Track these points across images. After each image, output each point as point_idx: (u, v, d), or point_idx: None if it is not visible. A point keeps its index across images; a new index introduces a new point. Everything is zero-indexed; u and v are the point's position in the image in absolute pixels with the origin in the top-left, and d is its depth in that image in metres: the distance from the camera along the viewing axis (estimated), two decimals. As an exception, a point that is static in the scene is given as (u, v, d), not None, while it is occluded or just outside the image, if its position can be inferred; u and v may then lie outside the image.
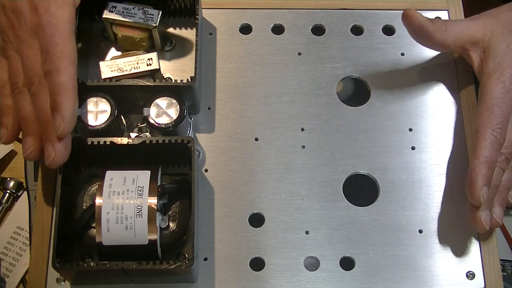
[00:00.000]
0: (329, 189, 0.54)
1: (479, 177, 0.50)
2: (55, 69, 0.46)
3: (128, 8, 0.55)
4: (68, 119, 0.46)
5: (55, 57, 0.46)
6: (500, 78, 0.52)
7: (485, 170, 0.50)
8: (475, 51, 0.54)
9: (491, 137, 0.51)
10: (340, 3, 0.61)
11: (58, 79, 0.46)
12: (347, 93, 0.63)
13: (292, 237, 0.53)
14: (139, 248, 0.47)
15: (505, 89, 0.51)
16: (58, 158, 0.47)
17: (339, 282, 0.51)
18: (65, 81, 0.46)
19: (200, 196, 0.54)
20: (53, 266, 0.46)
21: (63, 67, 0.46)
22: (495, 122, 0.51)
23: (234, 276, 0.51)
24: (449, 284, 0.52)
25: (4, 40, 0.50)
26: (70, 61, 0.47)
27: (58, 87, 0.46)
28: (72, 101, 0.46)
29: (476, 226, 0.51)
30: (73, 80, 0.47)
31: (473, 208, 0.51)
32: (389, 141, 0.56)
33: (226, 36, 0.59)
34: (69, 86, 0.46)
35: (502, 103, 0.51)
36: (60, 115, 0.46)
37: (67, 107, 0.46)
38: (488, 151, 0.50)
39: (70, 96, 0.46)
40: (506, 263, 0.64)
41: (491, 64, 0.52)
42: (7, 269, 0.66)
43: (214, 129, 0.56)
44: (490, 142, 0.51)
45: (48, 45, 0.47)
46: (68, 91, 0.46)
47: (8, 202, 0.69)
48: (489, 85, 0.52)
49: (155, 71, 0.53)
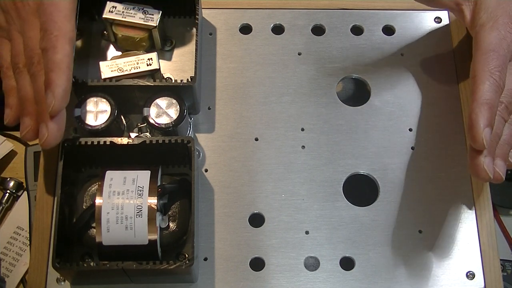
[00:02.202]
0: (329, 189, 0.54)
1: (479, 118, 0.47)
2: (51, 46, 0.46)
3: (128, 8, 0.55)
4: (59, 96, 0.45)
5: (52, 35, 0.46)
6: (494, 26, 0.50)
7: (486, 112, 0.47)
8: (467, 6, 0.53)
9: (490, 79, 0.48)
10: (340, 3, 0.61)
11: (53, 57, 0.46)
12: (347, 93, 0.63)
13: (292, 237, 0.53)
14: (139, 248, 0.47)
15: (500, 36, 0.50)
16: (51, 138, 0.46)
17: (339, 282, 0.51)
18: (60, 59, 0.46)
19: (200, 196, 0.54)
20: (53, 266, 0.46)
21: (60, 45, 0.46)
22: (493, 65, 0.49)
23: (234, 276, 0.51)
24: (449, 284, 0.52)
25: (8, 21, 0.51)
26: (67, 40, 0.47)
27: (52, 64, 0.46)
28: (65, 78, 0.46)
29: (478, 173, 0.48)
30: (69, 59, 0.47)
31: (475, 154, 0.48)
32: (389, 141, 0.56)
33: (226, 36, 0.60)
34: (63, 64, 0.46)
35: (498, 48, 0.50)
36: (51, 91, 0.45)
37: (59, 84, 0.46)
38: (488, 93, 0.48)
39: (63, 74, 0.46)
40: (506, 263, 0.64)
41: (483, 15, 0.51)
42: (7, 269, 0.66)
43: (214, 129, 0.56)
44: (489, 84, 0.48)
45: (47, 23, 0.47)
46: (61, 69, 0.46)
47: (8, 202, 0.69)
48: (483, 34, 0.51)
49: (155, 71, 0.53)
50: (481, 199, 0.54)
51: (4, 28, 0.52)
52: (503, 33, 0.50)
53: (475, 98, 0.48)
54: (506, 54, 0.50)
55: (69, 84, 0.47)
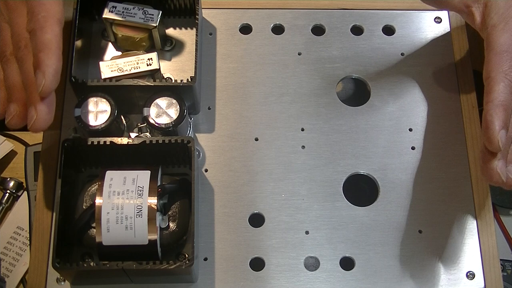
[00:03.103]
0: (329, 189, 0.54)
1: (495, 119, 0.46)
2: (39, 27, 0.45)
3: (128, 8, 0.55)
4: (50, 76, 0.44)
5: (40, 16, 0.45)
6: (505, 27, 0.50)
7: (502, 113, 0.47)
8: (477, 8, 0.53)
9: (504, 81, 0.48)
10: (340, 3, 0.61)
11: (41, 37, 0.45)
12: (347, 93, 0.63)
13: (292, 237, 0.53)
14: (139, 248, 0.47)
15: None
16: (40, 121, 0.45)
17: (339, 282, 0.51)
18: (49, 39, 0.45)
19: (200, 196, 0.54)
20: (53, 266, 0.46)
21: (48, 26, 0.45)
22: (507, 66, 0.49)
23: (234, 276, 0.51)
24: (449, 284, 0.52)
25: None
26: (55, 21, 0.46)
27: (41, 45, 0.45)
28: (55, 58, 0.45)
29: (492, 177, 0.48)
30: (58, 39, 0.45)
31: (488, 157, 0.47)
32: (389, 141, 0.56)
33: (226, 36, 0.60)
34: (52, 44, 0.45)
35: (511, 49, 0.49)
36: (41, 71, 0.44)
37: (49, 64, 0.44)
38: (503, 94, 0.47)
39: (53, 54, 0.45)
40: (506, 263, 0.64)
41: (494, 16, 0.51)
42: (7, 269, 0.66)
43: (214, 129, 0.56)
44: (504, 85, 0.48)
45: (34, 6, 0.46)
46: (51, 49, 0.45)
47: (8, 202, 0.69)
48: (495, 34, 0.50)
49: (155, 71, 0.53)
50: (481, 199, 0.54)
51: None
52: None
53: (490, 99, 0.48)
54: None
55: (59, 64, 0.45)
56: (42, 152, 0.55)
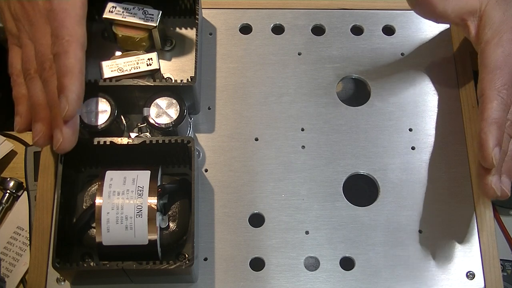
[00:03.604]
0: (329, 189, 0.54)
1: (489, 137, 0.48)
2: (63, 52, 0.47)
3: (128, 8, 0.55)
4: (73, 102, 0.46)
5: (64, 40, 0.47)
6: (498, 43, 0.51)
7: (495, 131, 0.48)
8: (472, 21, 0.53)
9: (498, 98, 0.49)
10: (340, 3, 0.61)
11: (65, 62, 0.46)
12: (347, 93, 0.63)
13: (292, 237, 0.53)
14: (139, 248, 0.47)
15: (505, 53, 0.51)
16: (66, 143, 0.47)
17: (339, 282, 0.51)
18: (72, 64, 0.46)
19: (200, 196, 0.54)
20: (53, 266, 0.46)
21: (72, 50, 0.47)
22: (500, 83, 0.50)
23: (234, 276, 0.51)
24: (449, 284, 0.52)
25: (19, 28, 0.51)
26: (79, 45, 0.47)
27: (65, 69, 0.46)
28: (78, 84, 0.46)
29: (487, 192, 0.49)
30: (81, 63, 0.47)
31: (484, 173, 0.49)
32: (389, 141, 0.56)
33: (226, 36, 0.60)
34: (76, 69, 0.46)
35: (504, 66, 0.50)
36: (65, 97, 0.46)
37: (72, 89, 0.46)
38: (497, 112, 0.49)
39: (76, 79, 0.46)
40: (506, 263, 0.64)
41: (488, 31, 0.52)
42: (7, 269, 0.66)
43: (214, 129, 0.56)
44: (497, 103, 0.49)
45: (58, 28, 0.47)
46: (74, 74, 0.46)
47: (8, 202, 0.69)
48: (488, 51, 0.51)
49: (155, 71, 0.53)
50: (481, 199, 0.54)
51: (15, 35, 0.52)
52: (507, 50, 0.51)
53: (484, 117, 0.49)
54: (511, 71, 0.50)
55: (82, 89, 0.47)
56: (42, 152, 0.55)
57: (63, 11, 0.48)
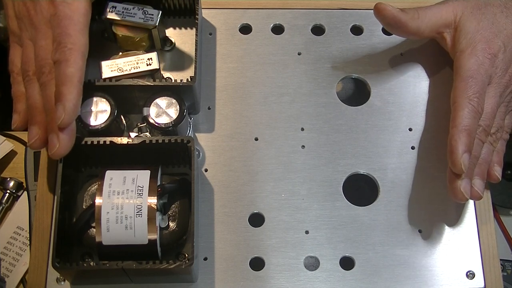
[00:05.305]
0: (329, 189, 0.54)
1: (458, 144, 0.50)
2: (64, 59, 0.47)
3: (128, 8, 0.55)
4: (70, 111, 0.46)
5: (66, 48, 0.47)
6: (472, 52, 0.52)
7: (465, 138, 0.50)
8: (448, 33, 0.55)
9: (468, 106, 0.51)
10: (340, 3, 0.61)
11: (65, 70, 0.46)
12: (347, 93, 0.63)
13: (292, 237, 0.53)
14: (139, 248, 0.47)
15: (479, 62, 0.52)
16: (61, 148, 0.47)
17: (339, 282, 0.51)
18: (72, 73, 0.46)
19: (200, 196, 0.54)
20: (53, 266, 0.46)
21: (73, 59, 0.47)
22: (471, 91, 0.51)
23: (234, 276, 0.51)
24: (449, 284, 0.52)
25: (21, 28, 0.51)
26: (80, 54, 0.47)
27: (64, 78, 0.46)
28: (76, 93, 0.46)
29: (456, 195, 0.51)
30: (81, 73, 0.47)
31: (453, 177, 0.51)
32: (389, 141, 0.56)
33: (226, 36, 0.60)
34: (75, 78, 0.47)
35: (477, 74, 0.52)
36: (62, 105, 0.46)
37: (69, 98, 0.46)
38: (467, 119, 0.50)
39: (74, 88, 0.46)
40: (506, 263, 0.64)
41: (463, 41, 0.53)
42: (7, 269, 0.66)
43: (214, 129, 0.56)
44: (468, 111, 0.51)
45: (61, 35, 0.47)
46: (73, 83, 0.46)
47: (8, 202, 0.69)
48: (462, 60, 0.53)
49: (155, 71, 0.53)
50: (481, 199, 0.54)
51: (16, 34, 0.52)
52: (481, 59, 0.52)
53: (455, 124, 0.51)
54: (484, 79, 0.52)
55: (79, 98, 0.47)
56: (42, 152, 0.55)
57: (67, 18, 0.48)
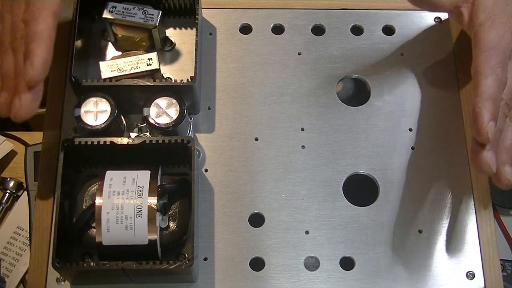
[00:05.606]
0: (329, 189, 0.54)
1: (483, 111, 0.47)
2: (33, 18, 0.46)
3: (128, 8, 0.55)
4: (38, 67, 0.45)
5: (35, 7, 0.46)
6: (492, 25, 0.51)
7: (490, 106, 0.47)
8: (466, 7, 0.53)
9: (492, 75, 0.48)
10: (340, 3, 0.61)
11: (34, 28, 0.46)
12: (347, 93, 0.63)
13: (292, 237, 0.53)
14: (139, 248, 0.47)
15: (500, 35, 0.50)
16: (22, 109, 0.45)
17: (339, 282, 0.51)
18: (41, 30, 0.46)
19: (200, 196, 0.54)
20: (53, 266, 0.46)
21: (42, 17, 0.46)
22: (495, 61, 0.49)
23: (234, 276, 0.51)
24: (449, 284, 0.52)
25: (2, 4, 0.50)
26: (50, 12, 0.46)
27: (33, 35, 0.45)
28: (45, 50, 0.45)
29: (482, 168, 0.48)
30: (51, 31, 0.46)
31: (478, 148, 0.48)
32: (389, 141, 0.56)
33: (226, 36, 0.60)
34: (44, 35, 0.46)
35: (499, 46, 0.50)
36: (30, 61, 0.45)
37: (38, 54, 0.45)
38: (492, 87, 0.48)
39: (43, 45, 0.45)
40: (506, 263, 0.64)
41: (481, 15, 0.52)
42: (7, 269, 0.66)
43: (214, 129, 0.56)
44: (492, 79, 0.48)
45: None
46: (42, 39, 0.45)
47: (8, 202, 0.69)
48: (482, 33, 0.51)
49: (155, 71, 0.53)
50: (481, 199, 0.54)
51: None
52: (501, 32, 0.50)
53: (478, 92, 0.48)
54: (505, 52, 0.50)
55: (49, 55, 0.46)
56: (42, 152, 0.55)
57: None
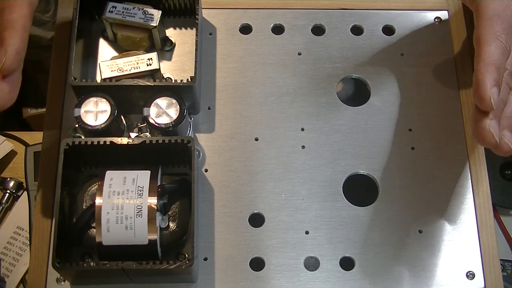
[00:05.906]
0: (329, 189, 0.54)
1: (486, 77, 0.45)
2: (7, 6, 0.46)
3: (128, 8, 0.55)
4: (11, 55, 0.44)
5: None
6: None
7: (493, 72, 0.45)
8: None
9: (496, 42, 0.46)
10: (340, 3, 0.61)
11: (8, 16, 0.45)
12: (347, 93, 0.63)
13: (292, 237, 0.53)
14: (139, 248, 0.47)
15: (504, 4, 0.48)
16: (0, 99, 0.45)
17: (339, 282, 0.51)
18: (15, 18, 0.45)
19: (200, 196, 0.54)
20: (53, 266, 0.46)
21: (17, 5, 0.46)
22: (499, 28, 0.47)
23: (234, 276, 0.51)
24: (449, 284, 0.52)
25: None
26: (26, 2, 0.46)
27: (6, 23, 0.45)
28: (18, 38, 0.45)
29: (484, 137, 0.46)
30: (25, 19, 0.46)
31: (480, 117, 0.46)
32: (389, 141, 0.56)
33: (226, 36, 0.60)
34: (18, 24, 0.45)
35: (503, 14, 0.48)
36: (3, 50, 0.44)
37: (11, 43, 0.44)
38: (495, 54, 0.46)
39: (17, 34, 0.45)
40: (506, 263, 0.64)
41: None
42: (7, 269, 0.66)
43: (214, 129, 0.56)
44: (496, 46, 0.46)
45: None
46: (15, 28, 0.45)
47: (8, 202, 0.69)
48: (486, 2, 0.49)
49: (155, 71, 0.53)
50: (481, 199, 0.54)
51: None
52: (505, 2, 0.49)
53: (481, 58, 0.46)
54: (510, 20, 0.48)
55: (23, 44, 0.45)
56: (42, 152, 0.55)
57: None
